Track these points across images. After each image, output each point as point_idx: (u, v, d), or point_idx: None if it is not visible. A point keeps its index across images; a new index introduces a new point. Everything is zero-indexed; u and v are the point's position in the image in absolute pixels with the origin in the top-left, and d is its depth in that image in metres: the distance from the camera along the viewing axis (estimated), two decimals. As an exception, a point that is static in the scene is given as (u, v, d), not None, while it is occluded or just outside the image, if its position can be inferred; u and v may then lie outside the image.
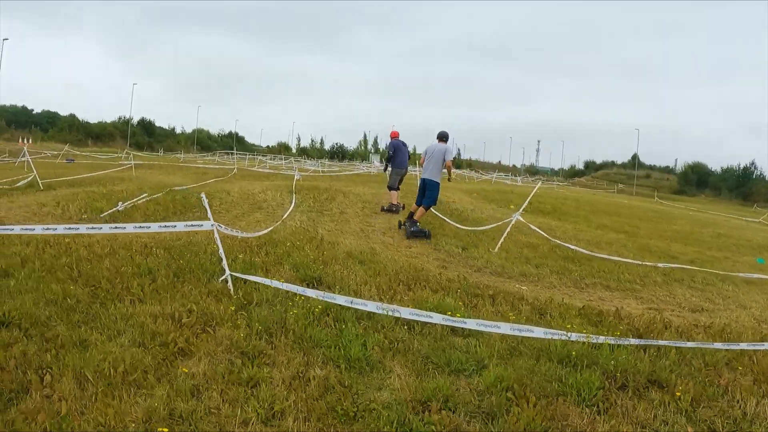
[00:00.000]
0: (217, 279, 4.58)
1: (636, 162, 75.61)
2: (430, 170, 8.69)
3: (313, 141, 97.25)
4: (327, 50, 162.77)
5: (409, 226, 8.51)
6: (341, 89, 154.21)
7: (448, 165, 8.63)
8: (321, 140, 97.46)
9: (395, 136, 11.18)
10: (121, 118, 68.26)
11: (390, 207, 10.75)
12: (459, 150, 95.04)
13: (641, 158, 78.17)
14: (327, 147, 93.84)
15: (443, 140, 8.82)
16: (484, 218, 11.30)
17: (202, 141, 75.66)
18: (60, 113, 64.83)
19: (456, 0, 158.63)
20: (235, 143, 75.08)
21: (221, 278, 4.53)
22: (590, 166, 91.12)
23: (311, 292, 4.22)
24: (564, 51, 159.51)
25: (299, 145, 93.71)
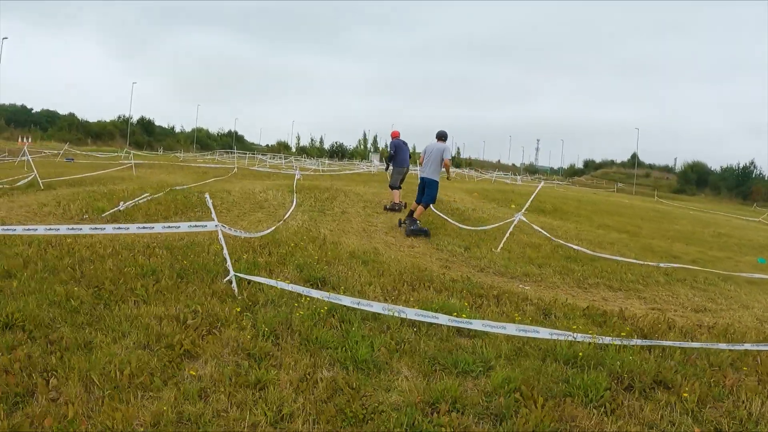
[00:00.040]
0: (221, 279, 4.56)
1: (636, 161, 75.74)
2: (429, 169, 8.76)
3: (313, 140, 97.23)
4: (327, 50, 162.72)
5: (409, 224, 8.56)
6: (341, 89, 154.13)
7: (447, 164, 8.71)
8: (320, 139, 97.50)
9: (396, 136, 11.29)
10: (121, 117, 68.28)
11: (393, 206, 10.82)
12: (458, 148, 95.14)
13: (641, 157, 78.47)
14: (326, 146, 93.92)
15: (442, 139, 8.87)
16: (486, 218, 11.30)
17: (202, 140, 75.67)
18: (59, 112, 64.93)
19: (456, 0, 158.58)
20: (235, 142, 75.08)
21: (225, 279, 4.52)
22: (590, 165, 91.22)
23: (316, 293, 4.20)
24: (564, 50, 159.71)
25: (299, 144, 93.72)
